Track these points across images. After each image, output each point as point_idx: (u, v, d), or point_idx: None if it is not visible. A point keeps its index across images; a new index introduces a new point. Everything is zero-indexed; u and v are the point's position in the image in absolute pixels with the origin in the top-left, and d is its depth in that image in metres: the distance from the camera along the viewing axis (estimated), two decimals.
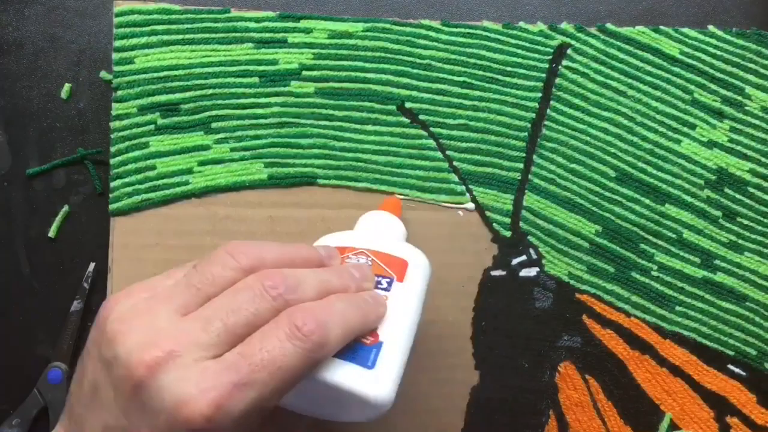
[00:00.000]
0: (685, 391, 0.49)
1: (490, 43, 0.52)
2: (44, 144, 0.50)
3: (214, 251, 0.33)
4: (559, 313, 0.49)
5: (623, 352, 0.49)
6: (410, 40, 0.51)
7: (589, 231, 0.50)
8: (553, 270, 0.50)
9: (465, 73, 0.51)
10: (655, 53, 0.53)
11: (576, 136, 0.51)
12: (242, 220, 0.48)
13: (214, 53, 0.49)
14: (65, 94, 0.50)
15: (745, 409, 0.49)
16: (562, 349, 0.49)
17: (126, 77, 0.48)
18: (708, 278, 0.50)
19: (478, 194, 0.50)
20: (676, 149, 0.52)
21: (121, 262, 0.46)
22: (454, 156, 0.50)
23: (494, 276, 0.49)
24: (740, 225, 0.51)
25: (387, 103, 0.50)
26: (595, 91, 0.52)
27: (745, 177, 0.52)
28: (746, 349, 0.50)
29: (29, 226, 0.49)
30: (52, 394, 0.45)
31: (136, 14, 0.49)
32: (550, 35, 0.53)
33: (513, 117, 0.51)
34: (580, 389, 0.48)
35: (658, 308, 0.50)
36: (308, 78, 0.50)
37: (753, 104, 0.53)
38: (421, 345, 0.47)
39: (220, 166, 0.48)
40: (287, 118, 0.49)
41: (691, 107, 0.53)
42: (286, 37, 0.50)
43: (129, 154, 0.48)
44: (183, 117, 0.49)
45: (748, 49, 0.54)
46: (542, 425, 0.48)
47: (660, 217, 0.51)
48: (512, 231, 0.50)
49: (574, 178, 0.51)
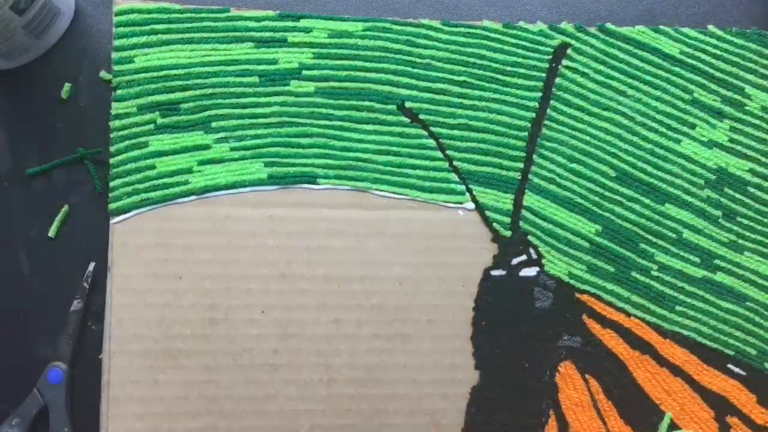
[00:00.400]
0: (685, 391, 0.49)
1: (490, 42, 0.52)
2: (44, 144, 0.50)
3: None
4: (559, 313, 0.49)
5: (623, 352, 0.49)
6: (410, 39, 0.51)
7: (589, 231, 0.50)
8: (553, 270, 0.50)
9: (465, 73, 0.51)
10: (655, 53, 0.53)
11: (576, 135, 0.51)
12: (242, 220, 0.48)
13: (214, 52, 0.49)
14: (65, 94, 0.50)
15: (745, 409, 0.49)
16: (562, 349, 0.49)
17: (126, 76, 0.48)
18: (708, 278, 0.50)
19: (478, 194, 0.50)
20: (676, 149, 0.52)
21: (120, 262, 0.46)
22: (454, 156, 0.50)
23: (494, 276, 0.49)
24: (740, 225, 0.51)
25: (387, 103, 0.50)
26: (595, 91, 0.52)
27: (745, 177, 0.52)
28: (746, 349, 0.50)
29: (29, 226, 0.48)
30: (51, 394, 0.45)
31: (135, 14, 0.49)
32: (550, 35, 0.53)
33: (513, 117, 0.51)
34: (580, 389, 0.48)
35: (658, 308, 0.50)
36: (308, 77, 0.50)
37: (753, 104, 0.53)
38: (421, 345, 0.48)
39: (219, 166, 0.48)
40: (287, 117, 0.49)
41: (691, 107, 0.53)
42: (286, 37, 0.50)
43: (129, 153, 0.48)
44: (183, 116, 0.49)
45: (748, 49, 0.54)
46: (542, 425, 0.48)
47: (660, 217, 0.51)
48: (512, 231, 0.50)
49: (574, 177, 0.51)
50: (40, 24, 0.47)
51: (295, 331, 0.46)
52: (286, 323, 0.47)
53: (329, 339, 0.47)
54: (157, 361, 0.45)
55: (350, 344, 0.47)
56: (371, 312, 0.47)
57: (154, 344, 0.45)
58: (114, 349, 0.45)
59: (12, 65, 0.49)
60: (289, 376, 0.46)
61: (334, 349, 0.47)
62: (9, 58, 0.48)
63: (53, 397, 0.45)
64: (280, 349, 0.46)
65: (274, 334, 0.46)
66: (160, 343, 0.45)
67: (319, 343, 0.47)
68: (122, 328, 0.45)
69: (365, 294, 0.47)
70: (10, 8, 0.43)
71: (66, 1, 0.50)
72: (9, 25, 0.45)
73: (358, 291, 0.47)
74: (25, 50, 0.48)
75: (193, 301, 0.46)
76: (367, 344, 0.47)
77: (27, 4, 0.44)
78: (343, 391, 0.46)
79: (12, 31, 0.45)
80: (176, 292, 0.46)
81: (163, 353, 0.45)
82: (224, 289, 0.46)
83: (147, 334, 0.45)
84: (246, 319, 0.46)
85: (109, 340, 0.45)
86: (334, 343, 0.47)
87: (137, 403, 0.45)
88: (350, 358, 0.47)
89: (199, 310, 0.46)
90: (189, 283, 0.46)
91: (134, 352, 0.45)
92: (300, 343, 0.46)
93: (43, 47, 0.49)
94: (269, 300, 0.47)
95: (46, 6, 0.47)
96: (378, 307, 0.47)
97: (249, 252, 0.47)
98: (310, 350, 0.46)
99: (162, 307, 0.46)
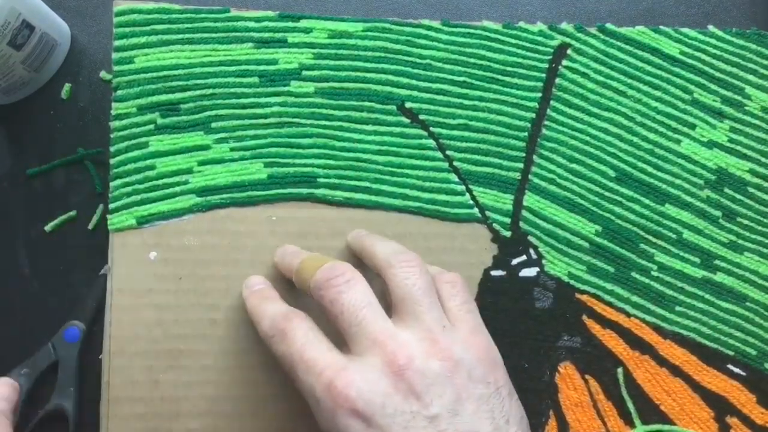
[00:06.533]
0: (685, 391, 0.49)
1: (490, 43, 0.52)
2: (44, 144, 0.50)
3: None
4: (559, 313, 0.49)
5: (623, 352, 0.49)
6: (410, 40, 0.51)
7: (589, 231, 0.50)
8: (553, 270, 0.50)
9: (465, 73, 0.51)
10: (655, 53, 0.53)
11: (576, 136, 0.51)
12: (242, 220, 0.48)
13: (214, 53, 0.49)
14: (65, 94, 0.50)
15: (745, 409, 0.49)
16: (562, 349, 0.49)
17: (126, 77, 0.48)
18: (708, 278, 0.50)
19: (478, 194, 0.50)
20: (676, 149, 0.52)
21: (120, 262, 0.46)
22: (454, 156, 0.50)
23: (494, 276, 0.49)
24: (740, 225, 0.51)
25: (387, 103, 0.50)
26: (595, 91, 0.52)
27: (745, 177, 0.52)
28: (746, 349, 0.50)
29: (29, 226, 0.48)
30: (65, 351, 0.45)
31: (135, 14, 0.49)
32: (550, 35, 0.53)
33: (513, 117, 0.51)
34: (580, 389, 0.48)
35: (658, 308, 0.50)
36: (308, 78, 0.50)
37: (753, 104, 0.53)
38: None
39: (219, 166, 0.48)
40: (287, 117, 0.49)
41: (691, 107, 0.53)
42: (286, 37, 0.50)
43: (129, 153, 0.48)
44: (183, 117, 0.49)
45: (748, 49, 0.54)
46: (542, 425, 0.48)
47: (660, 217, 0.51)
48: (512, 231, 0.50)
49: (574, 178, 0.51)
50: (37, 57, 0.48)
51: None
52: None
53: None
54: (157, 361, 0.45)
55: None
56: None
57: (154, 344, 0.45)
58: (114, 349, 0.45)
59: (11, 100, 0.49)
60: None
61: None
62: (8, 93, 0.48)
63: (66, 355, 0.45)
64: None
65: None
66: (160, 343, 0.45)
67: None
68: (122, 328, 0.45)
69: None
70: (8, 44, 0.44)
71: (62, 32, 0.50)
72: (8, 61, 0.45)
73: None
74: (23, 84, 0.49)
75: (193, 301, 0.46)
76: None
77: (24, 38, 0.44)
78: None
79: (11, 67, 0.46)
80: (176, 292, 0.46)
81: (163, 353, 0.45)
82: (224, 289, 0.46)
83: (147, 334, 0.45)
84: (246, 319, 0.46)
85: (109, 340, 0.45)
86: None
87: (137, 403, 0.45)
88: None
89: (199, 310, 0.46)
90: (189, 283, 0.46)
91: (134, 352, 0.45)
92: None
93: (41, 80, 0.50)
94: None
95: (43, 39, 0.47)
96: None
97: (249, 252, 0.47)
98: None
99: (162, 307, 0.46)
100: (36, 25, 0.46)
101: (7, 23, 0.43)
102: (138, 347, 0.45)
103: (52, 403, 0.45)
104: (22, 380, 0.45)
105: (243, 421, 0.45)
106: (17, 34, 0.44)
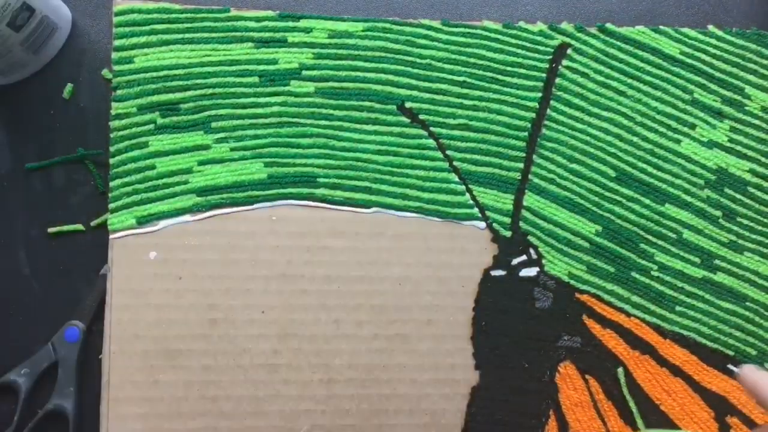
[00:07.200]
0: (685, 391, 0.49)
1: (490, 43, 0.52)
2: (44, 144, 0.50)
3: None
4: (559, 313, 0.49)
5: (623, 352, 0.49)
6: (410, 40, 0.51)
7: (589, 231, 0.50)
8: (553, 270, 0.50)
9: (465, 73, 0.51)
10: (655, 53, 0.53)
11: (576, 136, 0.51)
12: (242, 220, 0.48)
13: (214, 53, 0.49)
14: (67, 94, 0.50)
15: (745, 409, 0.49)
16: (562, 349, 0.49)
17: (125, 77, 0.48)
18: (708, 278, 0.50)
19: (478, 194, 0.50)
20: (676, 149, 0.52)
21: (120, 262, 0.46)
22: (454, 156, 0.50)
23: (494, 276, 0.49)
24: (740, 225, 0.51)
25: (387, 103, 0.50)
26: (595, 91, 0.52)
27: (745, 177, 0.52)
28: (746, 349, 0.50)
29: (29, 226, 0.48)
30: (65, 351, 0.45)
31: (135, 14, 0.49)
32: (550, 35, 0.53)
33: (513, 117, 0.51)
34: (580, 389, 0.48)
35: (658, 308, 0.50)
36: (308, 77, 0.50)
37: (753, 104, 0.53)
38: (421, 345, 0.48)
39: (219, 166, 0.48)
40: (287, 117, 0.49)
41: (691, 107, 0.53)
42: (286, 37, 0.50)
43: (129, 153, 0.48)
44: (183, 116, 0.49)
45: (748, 49, 0.54)
46: (542, 425, 0.48)
47: (660, 217, 0.51)
48: (512, 231, 0.50)
49: (574, 178, 0.51)
50: (37, 40, 0.48)
51: (295, 331, 0.46)
52: (286, 323, 0.47)
53: (329, 339, 0.47)
54: (157, 361, 0.45)
55: (350, 344, 0.47)
56: (371, 312, 0.47)
57: (154, 344, 0.45)
58: (114, 349, 0.45)
59: (9, 81, 0.50)
60: (289, 376, 0.46)
61: (334, 350, 0.47)
62: (6, 74, 0.49)
63: (66, 355, 0.46)
64: (280, 349, 0.46)
65: (274, 335, 0.46)
66: (160, 343, 0.45)
67: (319, 343, 0.47)
68: (122, 328, 0.45)
69: (365, 294, 0.47)
70: (7, 25, 0.44)
71: (62, 16, 0.50)
72: (6, 42, 0.45)
73: (358, 291, 0.47)
74: (22, 66, 0.49)
75: (193, 301, 0.46)
76: (367, 344, 0.47)
77: (24, 20, 0.44)
78: (343, 392, 0.46)
79: (9, 47, 0.46)
80: (176, 292, 0.46)
81: (163, 353, 0.45)
82: (224, 289, 0.46)
83: (147, 334, 0.45)
84: (246, 319, 0.46)
85: (109, 340, 0.45)
86: (334, 343, 0.47)
87: (137, 403, 0.45)
88: (350, 359, 0.47)
89: (199, 310, 0.46)
90: (189, 283, 0.46)
91: (134, 352, 0.45)
92: (300, 344, 0.46)
93: (40, 63, 0.50)
94: (269, 300, 0.47)
95: (43, 22, 0.47)
96: (378, 307, 0.47)
97: (249, 252, 0.47)
98: (310, 350, 0.46)
99: (162, 307, 0.46)
100: (37, 7, 0.46)
101: (7, 4, 0.43)
102: (138, 347, 0.45)
103: (52, 403, 0.45)
104: (22, 380, 0.45)
105: (243, 422, 0.45)
106: (17, 16, 0.44)
